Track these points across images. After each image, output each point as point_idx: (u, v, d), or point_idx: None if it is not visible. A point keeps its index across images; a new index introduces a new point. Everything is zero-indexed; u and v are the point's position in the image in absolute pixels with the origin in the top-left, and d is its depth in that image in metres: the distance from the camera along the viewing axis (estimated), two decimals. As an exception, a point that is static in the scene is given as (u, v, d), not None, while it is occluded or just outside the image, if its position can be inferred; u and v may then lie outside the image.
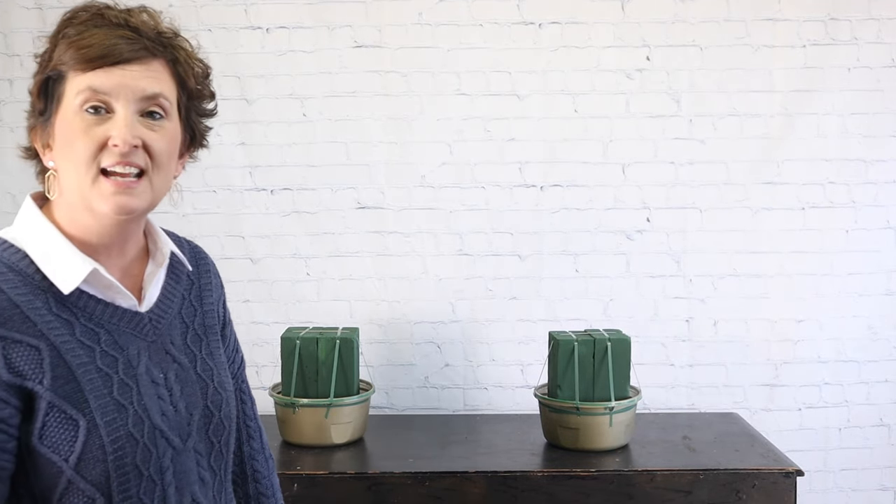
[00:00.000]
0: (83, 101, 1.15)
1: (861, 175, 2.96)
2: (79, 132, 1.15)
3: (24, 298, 1.14)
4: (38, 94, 1.19)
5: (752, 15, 2.91)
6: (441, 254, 2.97)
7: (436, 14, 2.91)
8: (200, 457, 1.27)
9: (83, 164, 1.15)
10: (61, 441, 1.12)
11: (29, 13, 2.90)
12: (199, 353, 1.34)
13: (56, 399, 1.11)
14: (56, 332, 1.14)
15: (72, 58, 1.15)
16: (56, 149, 1.18)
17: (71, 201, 1.18)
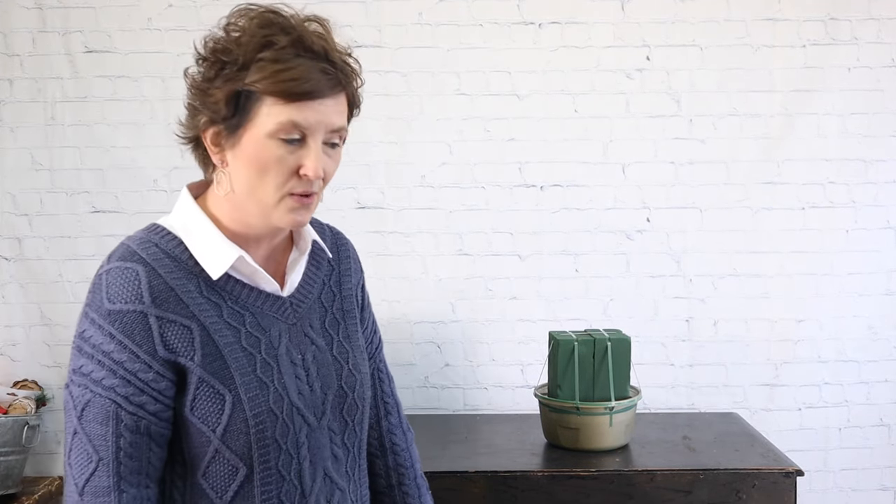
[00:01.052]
0: (282, 131, 1.22)
1: (861, 175, 2.95)
2: (274, 160, 1.23)
3: (179, 282, 1.25)
4: (226, 103, 1.24)
5: (752, 15, 2.91)
6: (441, 254, 2.97)
7: (436, 14, 2.91)
8: (334, 434, 1.36)
9: (273, 187, 1.24)
10: (209, 413, 1.23)
11: (29, 13, 2.90)
12: (336, 337, 1.41)
13: (205, 375, 1.23)
14: (206, 314, 1.25)
15: (274, 88, 1.21)
16: (241, 161, 1.25)
17: (241, 203, 1.27)
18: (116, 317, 1.20)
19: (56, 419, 2.99)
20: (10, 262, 2.97)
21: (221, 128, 1.25)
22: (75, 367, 1.22)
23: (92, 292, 1.23)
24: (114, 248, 1.28)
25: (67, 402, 1.23)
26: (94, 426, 1.21)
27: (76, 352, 1.22)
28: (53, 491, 2.92)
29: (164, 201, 2.95)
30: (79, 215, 2.95)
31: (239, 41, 1.24)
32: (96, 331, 1.20)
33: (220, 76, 1.24)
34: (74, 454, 1.22)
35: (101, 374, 1.20)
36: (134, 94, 2.93)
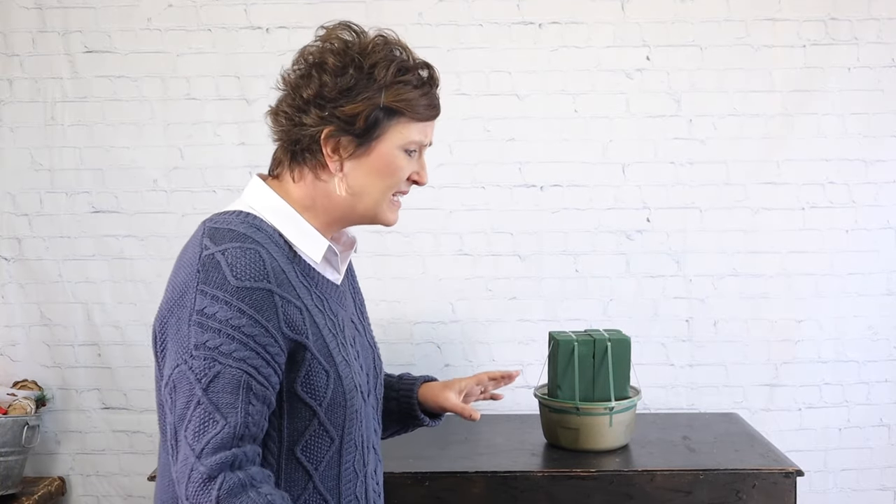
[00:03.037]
0: (411, 146, 1.42)
1: (861, 175, 2.95)
2: (398, 168, 1.41)
3: (287, 266, 1.35)
4: (365, 118, 1.36)
5: (752, 15, 2.91)
6: (441, 254, 2.97)
7: (436, 14, 2.91)
8: (374, 411, 1.53)
9: (391, 188, 1.42)
10: (318, 388, 1.34)
11: (29, 13, 2.90)
12: (365, 324, 1.59)
13: (316, 353, 1.34)
14: (306, 297, 1.36)
15: (414, 111, 1.40)
16: (365, 168, 1.39)
17: (346, 203, 1.41)
18: (246, 293, 1.27)
19: (56, 419, 2.99)
20: (9, 262, 2.97)
21: (350, 138, 1.37)
22: (198, 342, 1.26)
23: (204, 271, 1.28)
24: (208, 233, 1.34)
25: (185, 376, 1.26)
26: (224, 395, 1.25)
27: (196, 328, 1.26)
28: (53, 491, 2.92)
29: (164, 201, 2.95)
30: (78, 215, 2.95)
31: (381, 63, 1.38)
32: (222, 306, 1.26)
33: (362, 91, 1.37)
34: (195, 422, 1.24)
35: (233, 347, 1.26)
36: (134, 95, 2.93)
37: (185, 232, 2.95)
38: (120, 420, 3.00)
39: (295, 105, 1.39)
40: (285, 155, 1.42)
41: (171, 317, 1.31)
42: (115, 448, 3.01)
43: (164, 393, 1.30)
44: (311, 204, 1.42)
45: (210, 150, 2.95)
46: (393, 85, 1.37)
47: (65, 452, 3.02)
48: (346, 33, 1.45)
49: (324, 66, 1.39)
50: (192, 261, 1.32)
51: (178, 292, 1.31)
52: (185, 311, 1.28)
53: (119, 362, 2.99)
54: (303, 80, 1.40)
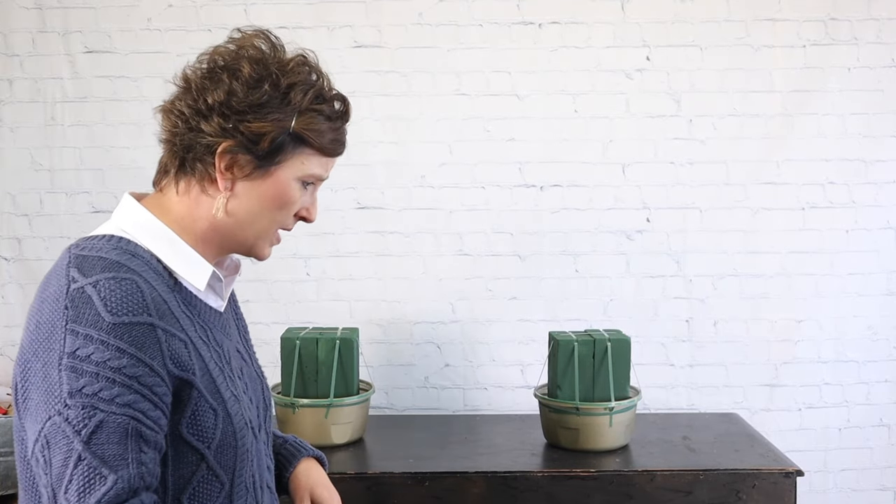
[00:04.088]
0: (308, 178, 1.32)
1: (861, 175, 2.95)
2: (291, 200, 1.30)
3: (167, 295, 1.21)
4: (272, 140, 1.25)
5: (752, 15, 2.91)
6: (441, 254, 2.97)
7: (436, 14, 2.91)
8: (265, 447, 1.38)
9: (274, 223, 1.30)
10: (205, 429, 1.20)
11: (28, 13, 2.90)
12: (251, 352, 1.44)
13: (203, 390, 1.20)
14: (189, 329, 1.22)
15: (323, 144, 1.29)
16: (257, 193, 1.27)
17: (227, 228, 1.28)
18: (124, 330, 1.12)
19: (56, 419, 2.99)
20: (9, 262, 2.97)
21: (249, 158, 1.25)
22: (72, 389, 1.10)
23: (74, 307, 1.13)
24: (75, 262, 1.18)
25: (61, 429, 1.10)
26: (109, 447, 1.10)
27: (69, 373, 1.10)
28: (53, 491, 2.91)
29: (164, 201, 2.95)
30: (78, 215, 2.95)
31: (299, 86, 1.28)
32: (97, 346, 1.11)
33: (273, 111, 1.25)
34: (78, 481, 1.09)
35: (115, 392, 1.11)
36: (134, 95, 2.93)
37: (185, 232, 2.98)
38: (120, 420, 3.00)
39: (195, 108, 1.26)
40: (172, 162, 1.31)
41: (34, 361, 1.13)
42: (115, 448, 3.01)
43: (33, 450, 1.13)
44: (190, 224, 1.28)
45: (210, 150, 2.94)
46: (307, 112, 1.27)
47: (65, 452, 3.02)
48: (263, 43, 1.29)
49: (236, 73, 1.24)
50: (57, 295, 1.15)
51: (43, 333, 1.13)
52: (53, 354, 1.12)
53: (119, 362, 2.98)
54: (210, 82, 1.25)
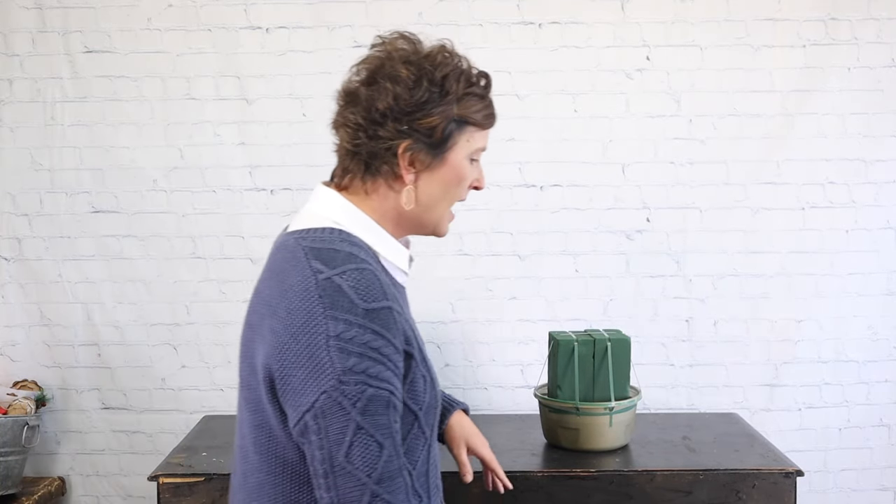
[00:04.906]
0: (475, 153, 1.47)
1: (861, 175, 2.95)
2: (465, 176, 1.46)
3: (385, 279, 1.36)
4: (442, 130, 1.39)
5: (752, 15, 2.91)
6: (441, 254, 2.97)
7: (436, 14, 2.91)
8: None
9: (456, 197, 1.47)
10: (419, 393, 1.37)
11: (28, 13, 2.90)
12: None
13: (418, 360, 1.37)
14: (403, 306, 1.39)
15: (482, 120, 1.46)
16: (438, 178, 1.43)
17: (416, 215, 1.43)
18: (375, 314, 1.28)
19: (56, 419, 2.99)
20: (9, 262, 2.97)
21: (426, 151, 1.39)
22: (345, 367, 1.25)
23: (327, 296, 1.27)
24: (312, 254, 1.32)
25: (339, 402, 1.25)
26: (378, 418, 1.26)
27: (339, 353, 1.25)
28: (53, 491, 2.92)
29: (164, 201, 2.95)
30: (78, 215, 2.95)
31: (452, 75, 1.40)
32: (356, 331, 1.26)
33: (438, 104, 1.38)
34: (358, 449, 1.25)
35: (378, 369, 1.27)
36: (133, 94, 2.93)
37: (185, 232, 2.98)
38: (120, 420, 3.00)
39: (370, 118, 1.38)
40: (358, 167, 1.41)
41: (293, 344, 1.28)
42: (115, 448, 3.01)
43: (301, 420, 1.27)
44: (383, 215, 1.43)
45: (210, 150, 2.95)
46: (463, 96, 1.41)
47: (65, 452, 3.02)
48: (405, 43, 1.42)
49: (396, 78, 1.37)
50: (305, 285, 1.29)
51: (298, 319, 1.28)
52: (317, 337, 1.26)
53: (119, 362, 2.99)
54: (375, 91, 1.37)
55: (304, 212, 1.45)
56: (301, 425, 1.28)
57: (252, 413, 1.39)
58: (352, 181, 1.43)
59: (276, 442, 1.34)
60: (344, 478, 1.25)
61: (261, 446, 1.37)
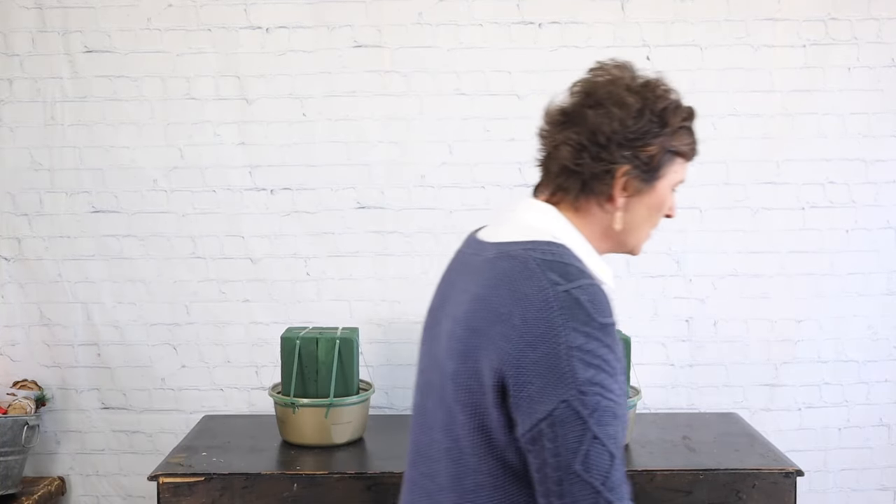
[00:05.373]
0: (678, 184, 1.53)
1: (861, 175, 2.95)
2: (667, 205, 1.53)
3: None
4: (658, 159, 1.46)
5: (752, 15, 2.91)
6: (441, 254, 2.96)
7: (436, 14, 2.91)
8: None
9: (655, 224, 1.55)
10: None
11: (28, 13, 2.90)
12: None
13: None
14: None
15: (691, 153, 1.54)
16: (645, 204, 1.50)
17: (619, 235, 1.51)
18: (610, 330, 1.35)
19: (56, 419, 2.99)
20: (9, 262, 2.97)
21: (640, 177, 1.45)
22: (585, 377, 1.29)
23: (567, 308, 1.31)
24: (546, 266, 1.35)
25: (578, 411, 1.28)
26: (608, 428, 1.30)
27: (580, 364, 1.29)
28: (53, 491, 2.92)
29: (164, 201, 2.95)
30: (78, 215, 2.95)
31: (670, 108, 1.47)
32: (596, 344, 1.32)
33: (658, 135, 1.45)
34: (592, 457, 1.29)
35: (609, 382, 1.31)
36: (133, 94, 2.93)
37: (185, 232, 2.98)
38: (119, 420, 3.00)
39: (595, 140, 1.43)
40: (574, 185, 1.46)
41: (530, 352, 1.30)
42: (115, 448, 3.01)
43: (535, 427, 1.30)
44: (591, 233, 1.48)
45: (210, 150, 2.95)
46: (678, 129, 1.49)
47: (64, 452, 3.02)
48: (624, 71, 1.50)
49: (623, 105, 1.43)
50: (542, 296, 1.32)
51: (536, 328, 1.31)
52: (557, 347, 1.30)
53: (119, 362, 2.99)
54: (602, 116, 1.43)
55: (517, 222, 1.47)
56: (535, 432, 1.30)
57: (470, 416, 1.38)
58: (563, 198, 1.48)
59: (496, 445, 1.36)
60: (578, 485, 1.28)
61: (479, 448, 1.38)
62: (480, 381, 1.35)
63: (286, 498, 2.31)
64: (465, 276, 1.46)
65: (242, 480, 2.32)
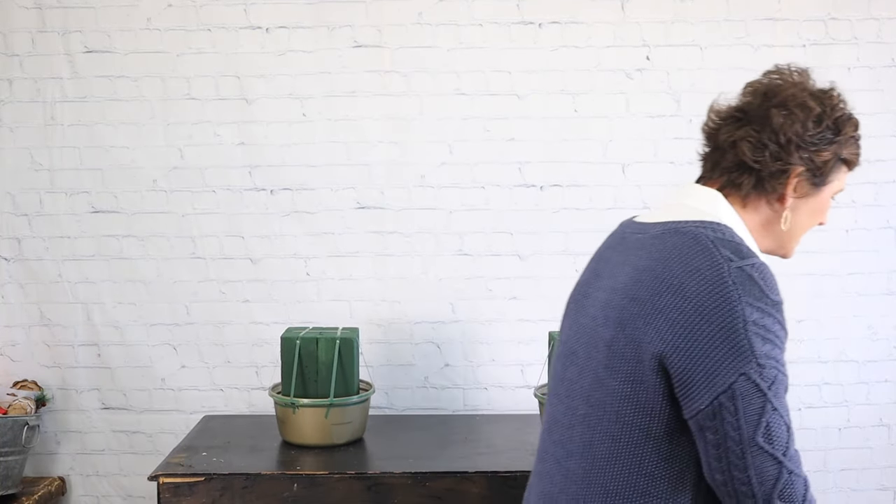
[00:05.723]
0: (839, 191, 1.55)
1: (861, 175, 2.93)
2: (825, 211, 1.56)
3: None
4: (830, 165, 1.50)
5: (752, 15, 2.91)
6: (441, 254, 2.97)
7: (436, 14, 2.91)
8: None
9: (809, 228, 1.56)
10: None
11: (28, 13, 2.90)
12: None
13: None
14: None
15: (856, 162, 1.55)
16: (809, 208, 1.53)
17: (780, 235, 1.55)
18: (779, 307, 1.44)
19: (56, 419, 2.99)
20: (9, 262, 2.97)
21: (810, 181, 1.49)
22: (763, 351, 1.40)
23: (741, 284, 1.37)
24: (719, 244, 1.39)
25: (757, 384, 1.38)
26: (782, 401, 1.41)
27: (757, 338, 1.39)
28: (53, 491, 2.92)
29: (164, 201, 2.95)
30: (78, 215, 2.95)
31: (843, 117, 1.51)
32: (769, 319, 1.42)
33: (832, 142, 1.49)
34: (774, 428, 1.38)
35: (781, 358, 1.44)
36: (133, 94, 2.93)
37: (185, 232, 2.98)
38: (120, 420, 3.00)
39: (777, 141, 1.47)
40: (748, 181, 1.50)
41: (704, 325, 1.35)
42: (115, 448, 3.01)
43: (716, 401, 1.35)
44: (753, 227, 1.53)
45: (210, 150, 2.95)
46: (849, 139, 1.51)
47: (65, 452, 3.02)
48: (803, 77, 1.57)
49: (807, 110, 1.48)
50: (714, 270, 1.37)
51: (709, 301, 1.35)
52: (733, 321, 1.36)
53: (119, 362, 2.99)
54: (786, 118, 1.47)
55: (684, 205, 1.51)
56: (714, 406, 1.35)
57: (621, 383, 1.41)
58: (733, 192, 1.51)
59: (643, 412, 1.39)
60: (761, 457, 1.35)
61: (624, 415, 1.41)
62: (638, 349, 1.38)
63: (286, 498, 2.31)
64: (624, 251, 1.51)
65: (242, 480, 2.32)
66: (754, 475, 1.35)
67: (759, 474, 1.34)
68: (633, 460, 1.40)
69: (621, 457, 1.41)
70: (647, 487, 1.39)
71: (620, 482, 1.41)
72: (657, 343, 1.36)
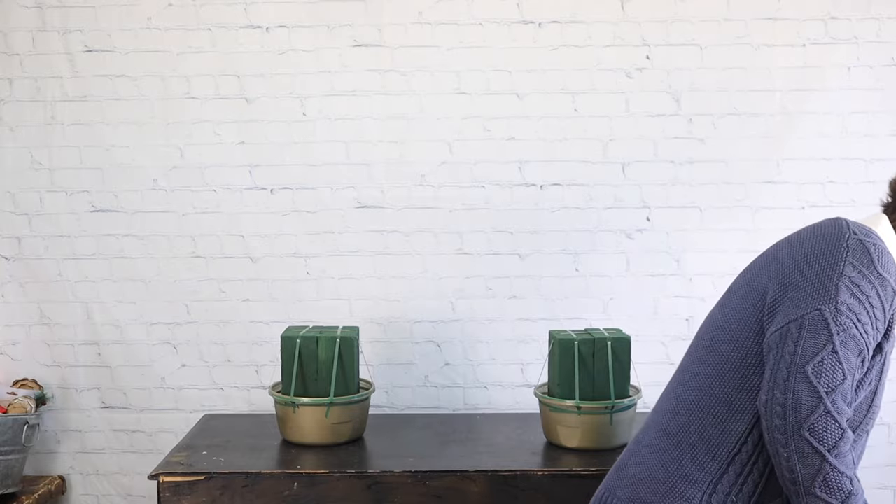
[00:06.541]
0: None
1: (861, 174, 2.96)
2: None
3: None
4: None
5: (752, 14, 2.91)
6: (441, 253, 2.97)
7: (436, 13, 2.91)
8: None
9: None
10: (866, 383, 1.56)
11: (28, 12, 2.90)
12: None
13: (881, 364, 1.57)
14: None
15: None
16: None
17: None
18: (885, 282, 1.51)
19: (56, 418, 2.99)
20: (9, 261, 2.97)
21: None
22: (843, 300, 1.47)
23: (852, 250, 1.51)
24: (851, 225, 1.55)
25: (825, 322, 1.46)
26: (849, 354, 1.45)
27: (845, 289, 1.48)
28: (53, 490, 2.92)
29: (164, 200, 2.95)
30: (78, 214, 2.95)
31: None
32: (866, 283, 1.49)
33: None
34: (827, 367, 1.43)
35: (866, 319, 1.47)
36: (133, 94, 2.93)
37: (185, 231, 2.98)
38: (120, 419, 3.00)
39: None
40: None
41: (805, 267, 1.52)
42: (115, 447, 3.02)
43: (784, 326, 1.48)
44: None
45: (210, 150, 2.95)
46: None
47: (65, 451, 3.02)
48: None
49: None
50: (836, 236, 1.54)
51: (819, 254, 1.52)
52: (831, 270, 1.49)
53: (119, 361, 2.99)
54: None
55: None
56: (783, 330, 1.48)
57: (725, 315, 1.65)
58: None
59: (728, 342, 1.58)
60: (803, 384, 1.42)
61: (715, 344, 1.62)
62: (748, 288, 1.60)
63: (286, 497, 2.31)
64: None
65: (243, 479, 2.32)
66: (790, 400, 1.42)
67: (796, 401, 1.42)
68: (708, 381, 1.60)
69: (699, 376, 1.62)
70: (710, 405, 1.58)
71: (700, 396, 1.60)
72: (764, 281, 1.57)
